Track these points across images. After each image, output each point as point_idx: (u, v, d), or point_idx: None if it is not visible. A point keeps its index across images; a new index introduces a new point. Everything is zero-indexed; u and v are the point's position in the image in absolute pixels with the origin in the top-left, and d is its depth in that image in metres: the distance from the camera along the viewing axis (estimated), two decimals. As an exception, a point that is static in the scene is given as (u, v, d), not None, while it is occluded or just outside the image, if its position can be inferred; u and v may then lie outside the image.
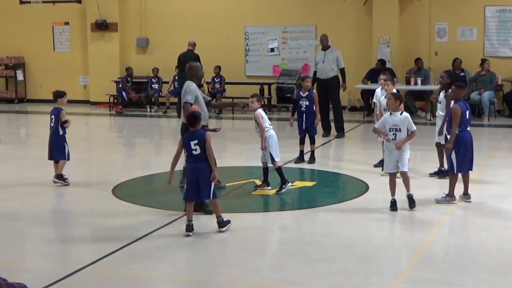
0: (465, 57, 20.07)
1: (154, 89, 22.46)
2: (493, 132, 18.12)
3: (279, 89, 21.48)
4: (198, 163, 9.06)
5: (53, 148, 12.15)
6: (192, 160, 9.13)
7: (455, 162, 10.36)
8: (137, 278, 7.72)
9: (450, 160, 10.43)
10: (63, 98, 12.40)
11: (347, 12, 21.51)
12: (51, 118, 12.23)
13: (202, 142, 9.03)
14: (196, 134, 9.13)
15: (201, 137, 9.08)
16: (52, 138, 12.20)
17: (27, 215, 10.39)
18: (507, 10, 20.20)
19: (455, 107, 10.38)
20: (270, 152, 11.27)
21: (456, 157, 10.35)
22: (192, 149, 9.07)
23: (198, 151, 9.06)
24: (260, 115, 11.29)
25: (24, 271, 8.04)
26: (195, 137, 9.10)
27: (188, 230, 9.06)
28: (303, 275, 7.70)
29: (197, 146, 9.06)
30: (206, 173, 9.06)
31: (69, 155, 12.14)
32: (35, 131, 20.39)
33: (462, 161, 10.37)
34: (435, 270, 7.78)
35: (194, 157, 9.09)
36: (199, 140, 9.06)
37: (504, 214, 10.12)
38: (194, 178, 9.08)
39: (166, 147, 17.04)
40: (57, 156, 12.10)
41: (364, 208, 10.56)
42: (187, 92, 10.64)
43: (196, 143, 9.06)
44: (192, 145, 9.06)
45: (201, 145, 9.04)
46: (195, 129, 9.18)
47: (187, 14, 22.98)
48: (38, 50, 24.59)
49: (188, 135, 9.19)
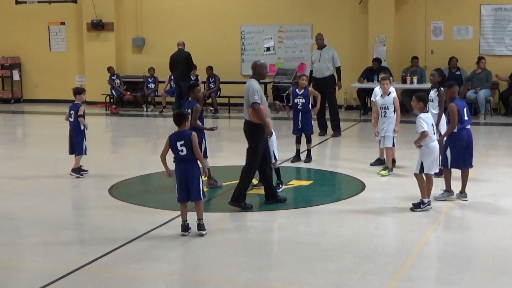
0: (461, 56, 20.10)
1: (150, 88, 22.46)
2: (489, 130, 18.15)
3: (275, 88, 21.47)
4: (185, 164, 8.97)
5: (73, 142, 12.60)
6: (179, 161, 9.03)
7: (449, 157, 10.43)
8: (134, 278, 7.71)
9: (445, 155, 10.49)
10: (81, 94, 12.88)
11: (343, 11, 21.53)
12: (70, 113, 12.62)
13: (189, 143, 8.92)
14: (182, 135, 9.01)
15: (187, 137, 8.96)
16: (72, 133, 12.65)
17: (24, 215, 10.38)
18: (502, 9, 20.23)
19: (451, 106, 10.42)
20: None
21: (450, 153, 10.43)
22: (179, 150, 8.96)
23: (185, 152, 8.94)
24: None
25: (21, 271, 8.04)
26: (181, 137, 8.98)
27: (184, 230, 9.05)
28: (300, 274, 7.71)
29: (183, 147, 8.94)
30: (194, 173, 8.99)
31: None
32: (32, 131, 20.38)
33: (457, 157, 10.43)
34: (431, 269, 7.80)
35: (181, 158, 8.99)
36: (185, 140, 8.94)
37: (500, 212, 10.13)
38: (183, 179, 9.00)
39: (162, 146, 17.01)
40: (75, 151, 12.54)
41: (361, 207, 10.57)
42: (254, 91, 10.30)
43: (182, 143, 8.94)
44: (179, 146, 8.95)
45: (188, 145, 8.93)
46: (182, 129, 9.05)
47: (183, 13, 22.98)
48: (34, 50, 24.57)
49: (174, 136, 9.05)
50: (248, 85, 10.50)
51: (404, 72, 20.02)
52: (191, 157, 8.98)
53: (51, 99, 24.01)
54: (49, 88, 24.35)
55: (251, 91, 10.33)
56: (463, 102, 10.70)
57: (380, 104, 12.50)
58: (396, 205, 10.57)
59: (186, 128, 9.09)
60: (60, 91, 24.14)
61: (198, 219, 9.12)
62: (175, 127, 9.16)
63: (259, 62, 10.88)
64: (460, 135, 10.43)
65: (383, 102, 12.46)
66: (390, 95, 12.45)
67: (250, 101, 10.25)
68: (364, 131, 17.73)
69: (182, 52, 20.23)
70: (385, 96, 12.44)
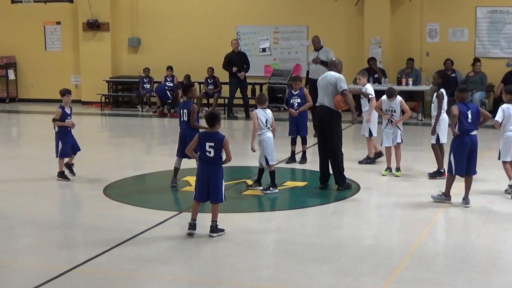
0: (456, 58, 20.10)
1: (146, 89, 22.41)
2: (484, 132, 18.14)
3: (270, 89, 21.45)
4: (210, 165, 8.87)
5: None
6: (204, 161, 8.92)
7: (453, 163, 10.40)
8: (128, 278, 7.70)
9: (450, 161, 10.45)
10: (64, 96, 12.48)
11: (339, 13, 21.53)
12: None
13: (220, 146, 8.78)
14: (213, 136, 8.85)
15: (219, 140, 8.81)
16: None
17: (18, 214, 10.36)
18: (498, 11, 20.25)
19: (452, 107, 10.39)
20: (265, 155, 11.27)
21: (454, 159, 10.39)
22: (206, 151, 8.83)
23: (212, 154, 8.82)
24: (255, 115, 11.30)
25: (14, 271, 8.02)
26: (212, 139, 8.83)
27: (191, 228, 9.00)
28: (295, 275, 7.71)
29: (212, 148, 8.80)
30: (218, 175, 8.89)
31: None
32: (26, 130, 20.35)
33: (460, 162, 10.38)
34: (426, 270, 7.80)
35: (207, 158, 8.88)
36: (216, 143, 8.80)
37: (495, 214, 10.15)
38: (204, 179, 8.91)
39: (157, 146, 17.04)
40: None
41: (356, 208, 10.58)
42: (341, 80, 11.34)
43: (212, 145, 8.80)
44: (207, 147, 8.82)
45: (217, 148, 8.79)
46: (214, 130, 8.90)
47: (179, 14, 22.95)
48: (29, 49, 24.51)
49: (205, 135, 8.90)
50: (332, 74, 11.43)
51: (399, 74, 20.04)
52: (217, 160, 8.86)
53: (46, 99, 23.94)
54: (45, 88, 24.29)
55: (338, 79, 11.31)
56: (469, 107, 10.52)
57: (386, 107, 12.45)
58: (391, 207, 10.57)
59: (218, 129, 8.95)
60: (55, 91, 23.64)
61: (212, 221, 9.05)
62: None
63: (337, 60, 11.84)
64: (463, 140, 10.37)
65: (389, 105, 12.43)
66: (397, 99, 12.43)
67: (341, 88, 11.26)
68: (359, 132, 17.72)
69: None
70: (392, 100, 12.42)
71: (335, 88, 11.31)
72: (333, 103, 11.33)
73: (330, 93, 11.34)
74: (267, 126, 11.31)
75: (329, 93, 11.35)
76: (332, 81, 11.34)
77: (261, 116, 11.29)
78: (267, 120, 11.32)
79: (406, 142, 13.05)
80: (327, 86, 11.38)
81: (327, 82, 11.40)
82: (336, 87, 11.30)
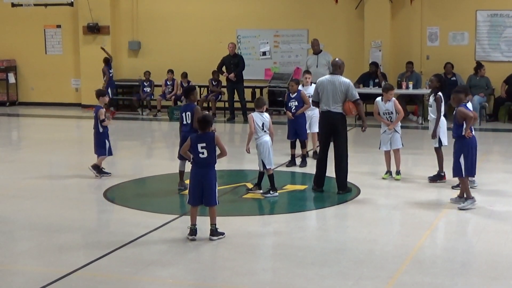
0: (456, 62, 20.11)
1: (146, 92, 22.42)
2: (484, 136, 18.14)
3: (271, 92, 21.45)
4: (203, 168, 8.91)
5: (95, 143, 12.89)
6: (198, 164, 8.94)
7: (463, 166, 10.40)
8: (128, 281, 7.70)
9: (459, 164, 10.43)
10: (105, 97, 13.07)
11: (339, 16, 21.53)
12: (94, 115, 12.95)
13: (212, 144, 8.84)
14: (204, 137, 8.90)
15: (210, 139, 8.87)
16: (94, 135, 12.96)
17: (18, 218, 10.36)
18: (498, 15, 20.26)
19: (464, 111, 10.38)
20: (262, 159, 11.25)
21: (464, 161, 10.40)
22: (199, 152, 8.87)
23: (205, 155, 8.86)
24: (251, 119, 11.27)
25: (14, 275, 8.01)
26: (203, 139, 8.87)
27: (192, 234, 9.00)
28: (295, 279, 7.70)
29: (204, 149, 8.85)
30: (211, 178, 8.92)
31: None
32: (27, 134, 20.34)
33: (472, 164, 10.47)
34: (426, 274, 7.79)
35: (200, 160, 8.90)
36: (208, 142, 8.86)
37: (495, 218, 10.14)
38: (199, 183, 8.93)
39: (157, 150, 17.04)
40: (97, 152, 12.82)
41: (355, 211, 10.58)
42: (353, 87, 11.40)
43: (203, 146, 8.85)
44: (199, 148, 8.85)
45: (210, 148, 8.85)
46: (205, 132, 8.95)
47: (179, 17, 22.97)
48: (30, 53, 24.53)
49: (196, 138, 8.95)
50: (341, 81, 11.34)
51: (399, 77, 20.05)
52: (210, 161, 8.90)
53: (46, 102, 23.95)
54: (45, 91, 24.31)
55: (350, 87, 11.33)
56: (469, 109, 10.62)
57: (383, 110, 12.42)
58: (391, 210, 10.57)
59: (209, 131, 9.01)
60: (55, 94, 24.14)
61: (211, 224, 9.06)
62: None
63: (341, 61, 11.66)
64: (470, 141, 10.45)
65: (385, 108, 12.40)
66: (391, 101, 12.38)
67: (354, 97, 11.30)
68: (359, 136, 17.72)
69: None
70: (387, 102, 12.39)
71: (345, 95, 11.28)
72: (342, 109, 11.33)
73: (340, 99, 11.28)
74: (263, 129, 11.26)
75: (338, 100, 11.28)
76: (343, 89, 11.26)
77: (258, 119, 11.24)
78: (263, 124, 11.26)
79: (406, 145, 13.04)
80: (336, 92, 11.28)
81: (336, 89, 11.29)
82: (347, 95, 11.28)
